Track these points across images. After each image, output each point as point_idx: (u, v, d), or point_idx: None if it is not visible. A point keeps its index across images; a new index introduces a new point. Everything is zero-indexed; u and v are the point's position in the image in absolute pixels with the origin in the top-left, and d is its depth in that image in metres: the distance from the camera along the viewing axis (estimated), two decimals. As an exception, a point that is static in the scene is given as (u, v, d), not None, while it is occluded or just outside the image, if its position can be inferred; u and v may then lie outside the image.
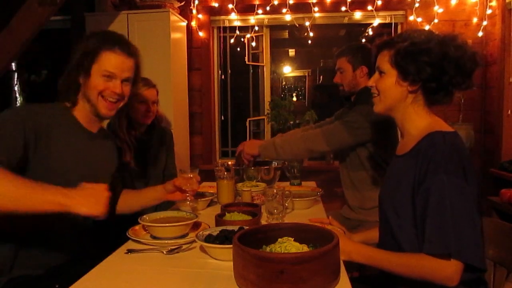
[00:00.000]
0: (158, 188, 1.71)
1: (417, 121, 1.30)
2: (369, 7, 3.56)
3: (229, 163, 2.54)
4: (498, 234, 1.42)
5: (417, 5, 3.50)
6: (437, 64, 1.21)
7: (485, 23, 3.41)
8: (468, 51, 1.24)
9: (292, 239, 1.16)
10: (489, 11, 3.38)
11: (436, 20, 3.47)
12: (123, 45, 1.47)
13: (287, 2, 3.61)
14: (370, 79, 1.38)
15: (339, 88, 2.22)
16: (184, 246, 1.38)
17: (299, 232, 1.19)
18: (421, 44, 1.23)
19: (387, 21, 3.68)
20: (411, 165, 1.23)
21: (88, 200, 1.18)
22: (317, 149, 2.08)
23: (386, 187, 1.40)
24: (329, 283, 1.02)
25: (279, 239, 1.16)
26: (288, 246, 1.12)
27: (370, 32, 3.69)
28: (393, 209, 1.28)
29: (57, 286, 1.35)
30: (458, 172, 1.13)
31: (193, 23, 3.75)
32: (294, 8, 3.64)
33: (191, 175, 1.68)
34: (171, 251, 1.35)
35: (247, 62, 3.96)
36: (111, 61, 1.45)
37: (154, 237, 1.46)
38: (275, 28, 4.09)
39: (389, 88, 1.30)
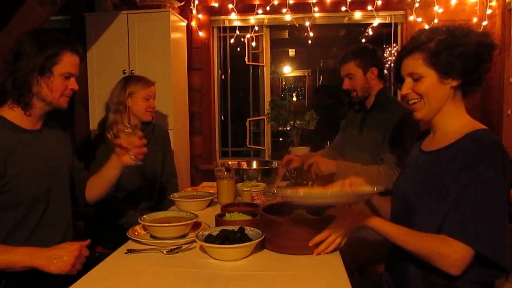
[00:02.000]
0: (112, 156, 1.69)
1: (455, 117, 1.29)
2: (369, 7, 3.56)
3: (229, 163, 2.54)
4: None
5: (417, 5, 3.49)
6: (474, 53, 1.22)
7: (485, 23, 3.41)
8: (488, 34, 1.27)
9: (305, 211, 1.48)
10: (489, 11, 3.38)
11: (436, 20, 3.47)
12: (77, 46, 1.55)
13: (287, 2, 3.61)
14: (403, 87, 1.32)
15: (351, 94, 2.16)
16: (184, 246, 1.38)
17: (311, 207, 1.48)
18: (453, 38, 1.23)
19: (387, 21, 3.68)
20: (449, 161, 1.22)
21: (55, 261, 1.27)
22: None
23: (413, 184, 1.34)
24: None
25: (295, 211, 1.50)
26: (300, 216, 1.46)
27: (370, 32, 3.69)
28: (427, 207, 1.24)
29: (60, 279, 1.36)
30: (498, 168, 1.14)
31: (193, 23, 3.75)
32: (294, 8, 3.64)
33: (131, 130, 1.61)
34: (171, 251, 1.35)
35: (247, 62, 3.96)
36: (71, 63, 1.51)
37: (154, 237, 1.46)
38: (275, 28, 4.09)
39: (433, 89, 1.27)
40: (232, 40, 3.85)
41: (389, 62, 3.86)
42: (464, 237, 1.09)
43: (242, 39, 3.89)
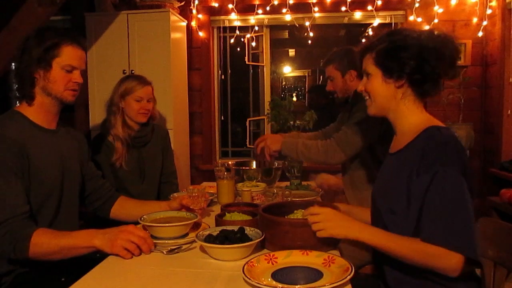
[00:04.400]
0: (162, 204, 1.72)
1: (409, 117, 1.32)
2: (369, 7, 3.56)
3: (229, 162, 2.54)
4: (498, 234, 1.42)
5: (417, 5, 3.50)
6: (417, 56, 1.25)
7: (485, 23, 3.41)
8: (446, 40, 1.28)
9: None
10: (489, 11, 3.38)
11: (436, 20, 3.47)
12: (80, 39, 1.54)
13: (287, 2, 3.61)
14: (360, 84, 1.40)
15: (334, 96, 2.24)
16: (184, 246, 1.38)
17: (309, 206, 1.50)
18: (399, 41, 1.28)
19: (387, 21, 3.68)
20: (406, 161, 1.26)
21: (109, 243, 1.28)
22: (335, 160, 2.01)
23: (379, 186, 1.41)
24: (326, 245, 1.29)
25: (295, 211, 1.50)
26: (299, 215, 1.45)
27: (370, 32, 3.69)
28: (387, 206, 1.29)
29: (63, 279, 1.36)
30: (454, 165, 1.16)
31: (193, 23, 3.75)
32: (294, 8, 3.64)
33: (198, 194, 1.68)
34: (171, 251, 1.35)
35: (247, 62, 3.96)
36: (72, 55, 1.50)
37: (154, 237, 1.46)
38: (275, 28, 4.09)
39: (377, 88, 1.33)
40: (232, 40, 3.86)
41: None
42: (448, 244, 1.10)
43: (242, 39, 3.89)
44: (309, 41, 3.80)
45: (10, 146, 1.37)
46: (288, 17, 3.68)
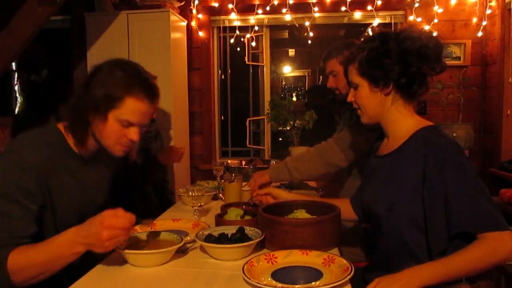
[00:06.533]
0: None
1: (402, 121, 1.32)
2: (369, 7, 3.56)
3: (229, 161, 2.55)
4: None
5: (417, 5, 3.50)
6: (400, 61, 1.25)
7: (484, 23, 3.42)
8: (426, 39, 1.27)
9: (304, 210, 1.49)
10: (488, 11, 3.38)
11: (436, 20, 3.47)
12: (149, 92, 1.32)
13: (287, 2, 3.62)
14: (349, 95, 1.39)
15: (335, 93, 2.03)
16: (188, 245, 1.37)
17: (311, 206, 1.52)
18: (378, 48, 1.27)
19: (387, 21, 3.68)
20: (408, 161, 1.24)
21: (102, 248, 1.12)
22: (334, 161, 1.84)
23: (371, 191, 1.38)
24: (325, 246, 1.30)
25: (295, 210, 1.51)
26: (299, 215, 1.46)
27: (370, 32, 3.69)
28: (397, 207, 1.25)
29: (64, 279, 1.36)
30: (459, 152, 1.21)
31: (193, 23, 3.75)
32: (294, 8, 3.65)
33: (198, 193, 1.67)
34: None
35: (247, 62, 3.96)
36: (134, 111, 1.28)
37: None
38: (275, 28, 4.09)
39: (366, 98, 1.33)
40: (232, 40, 3.86)
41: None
42: (491, 227, 1.10)
43: (242, 39, 3.89)
44: (309, 41, 3.80)
45: (32, 171, 1.20)
46: (288, 17, 3.68)
